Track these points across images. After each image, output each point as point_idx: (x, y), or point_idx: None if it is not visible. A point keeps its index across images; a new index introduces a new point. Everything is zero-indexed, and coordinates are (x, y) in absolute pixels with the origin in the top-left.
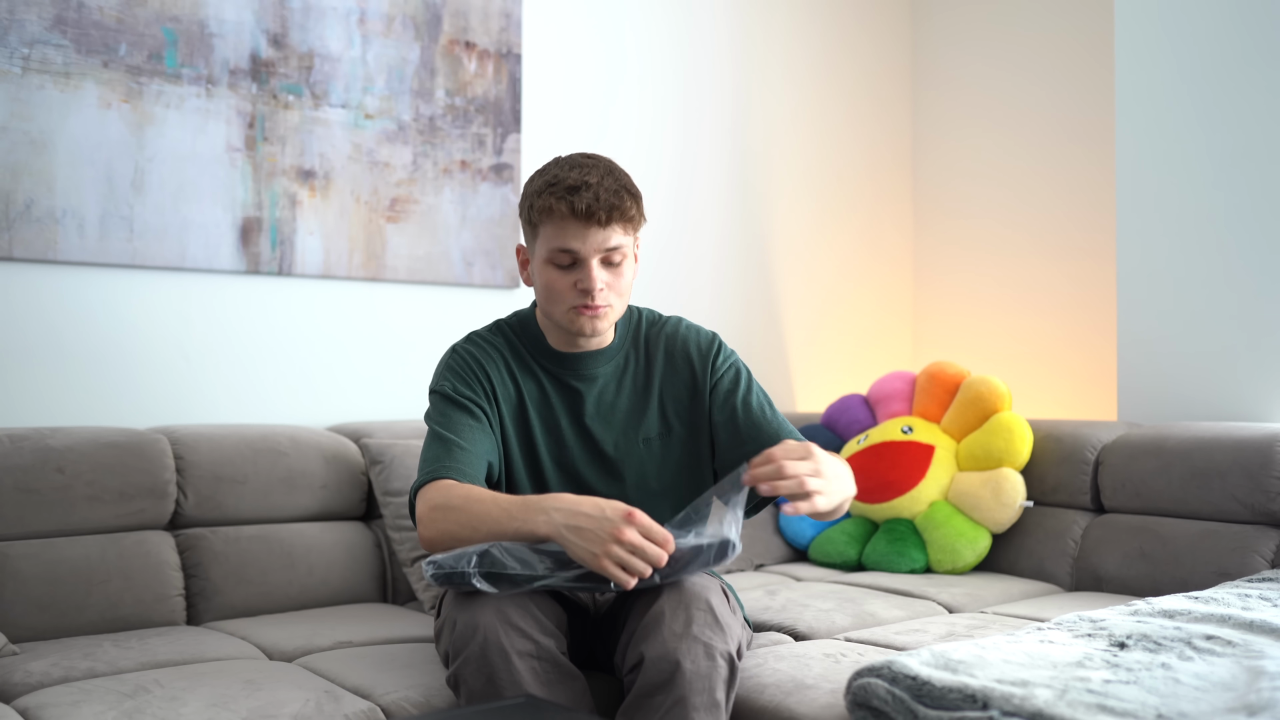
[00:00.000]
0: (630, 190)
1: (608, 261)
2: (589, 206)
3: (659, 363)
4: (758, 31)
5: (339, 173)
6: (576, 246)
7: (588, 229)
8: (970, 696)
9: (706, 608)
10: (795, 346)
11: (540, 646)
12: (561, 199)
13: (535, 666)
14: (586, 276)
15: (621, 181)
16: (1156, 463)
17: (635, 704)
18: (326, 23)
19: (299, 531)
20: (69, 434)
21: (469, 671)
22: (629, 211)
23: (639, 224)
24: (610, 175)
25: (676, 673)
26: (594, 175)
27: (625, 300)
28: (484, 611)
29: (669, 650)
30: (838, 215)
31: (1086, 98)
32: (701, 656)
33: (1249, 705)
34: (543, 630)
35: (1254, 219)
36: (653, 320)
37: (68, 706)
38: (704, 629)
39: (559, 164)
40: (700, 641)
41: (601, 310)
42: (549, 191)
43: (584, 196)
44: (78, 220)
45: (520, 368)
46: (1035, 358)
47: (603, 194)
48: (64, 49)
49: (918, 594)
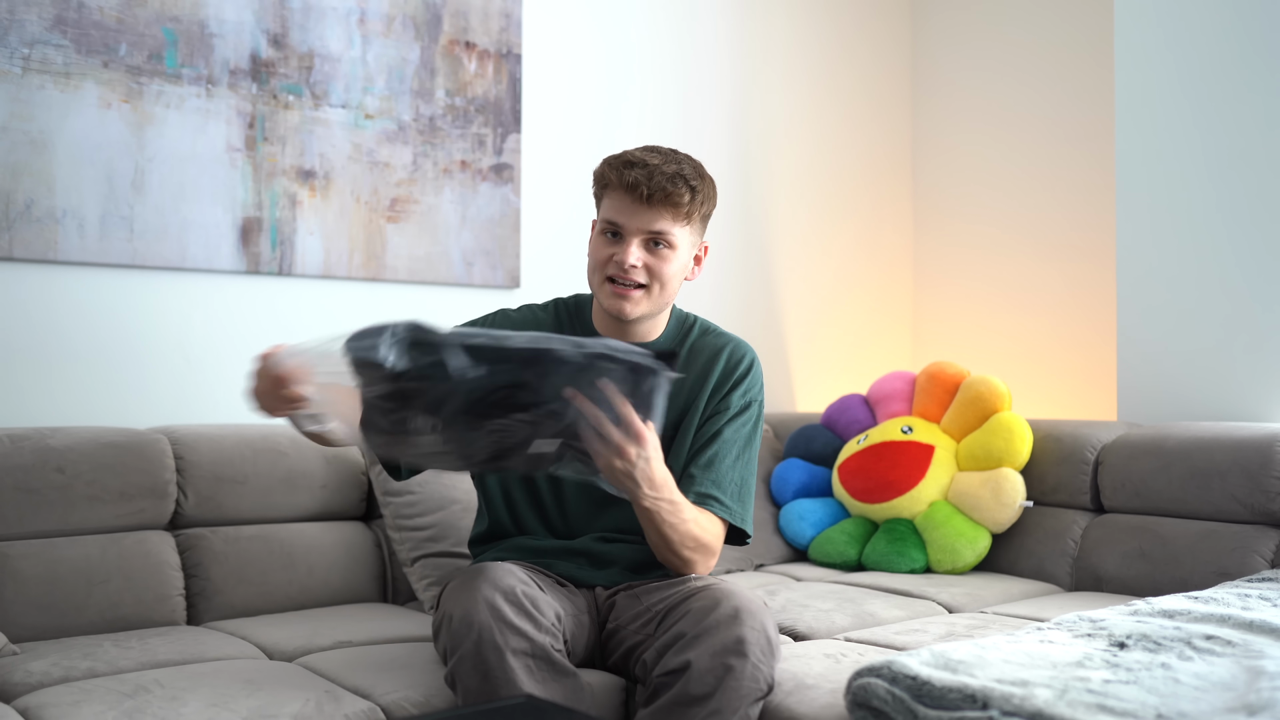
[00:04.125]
0: (689, 182)
1: (652, 243)
2: (636, 181)
3: (696, 369)
4: (758, 32)
5: (339, 173)
6: (622, 220)
7: (635, 206)
8: (970, 696)
9: (762, 627)
10: (795, 346)
11: (535, 644)
12: (616, 169)
13: (530, 664)
14: (623, 250)
15: (683, 171)
16: (1156, 463)
17: (669, 709)
18: (326, 23)
19: (299, 531)
20: (69, 434)
21: (464, 669)
22: (679, 199)
23: (695, 220)
24: (674, 163)
25: (720, 687)
26: (657, 158)
27: (667, 290)
28: (479, 610)
29: (718, 663)
30: (838, 216)
31: (1085, 99)
32: (748, 676)
33: (1249, 705)
34: (538, 627)
35: (1253, 220)
36: (706, 329)
37: (68, 706)
38: (755, 649)
39: (643, 146)
40: (751, 661)
41: (633, 293)
42: (611, 162)
43: (636, 172)
44: (78, 220)
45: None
46: (1035, 358)
47: (657, 176)
48: (64, 49)
49: (918, 594)
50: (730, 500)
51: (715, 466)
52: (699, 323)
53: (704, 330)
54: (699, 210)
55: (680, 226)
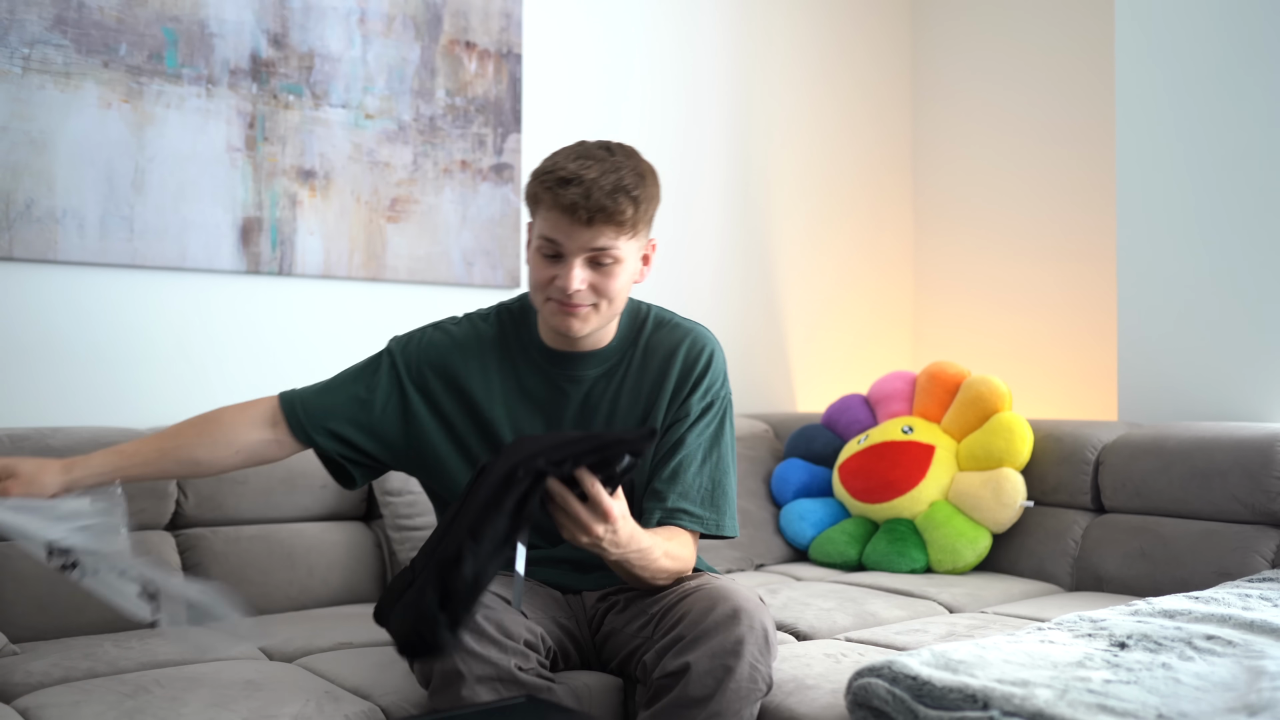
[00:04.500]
0: (630, 193)
1: (595, 261)
2: (573, 203)
3: (653, 368)
4: (759, 33)
5: (339, 173)
6: (561, 240)
7: (572, 225)
8: (971, 696)
9: (760, 626)
10: (796, 346)
11: (500, 668)
12: (549, 189)
13: (498, 688)
14: (565, 273)
15: (622, 182)
16: (1157, 463)
17: (669, 711)
18: (327, 23)
19: (299, 531)
20: (69, 434)
21: (437, 700)
22: (621, 215)
23: (640, 228)
24: (613, 173)
25: (719, 689)
26: (593, 171)
27: (616, 304)
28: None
29: (717, 665)
30: (838, 216)
31: (1085, 102)
32: (746, 677)
33: (1249, 705)
34: (503, 650)
35: (1253, 220)
36: (661, 322)
37: (68, 707)
38: (754, 648)
39: (567, 151)
40: (748, 661)
41: (580, 310)
42: (543, 178)
43: (572, 192)
44: (78, 220)
45: (502, 359)
46: (1035, 358)
47: (595, 192)
48: (64, 49)
49: (918, 594)
50: (700, 508)
51: (680, 478)
52: (653, 314)
53: (659, 323)
54: (643, 218)
55: (625, 240)
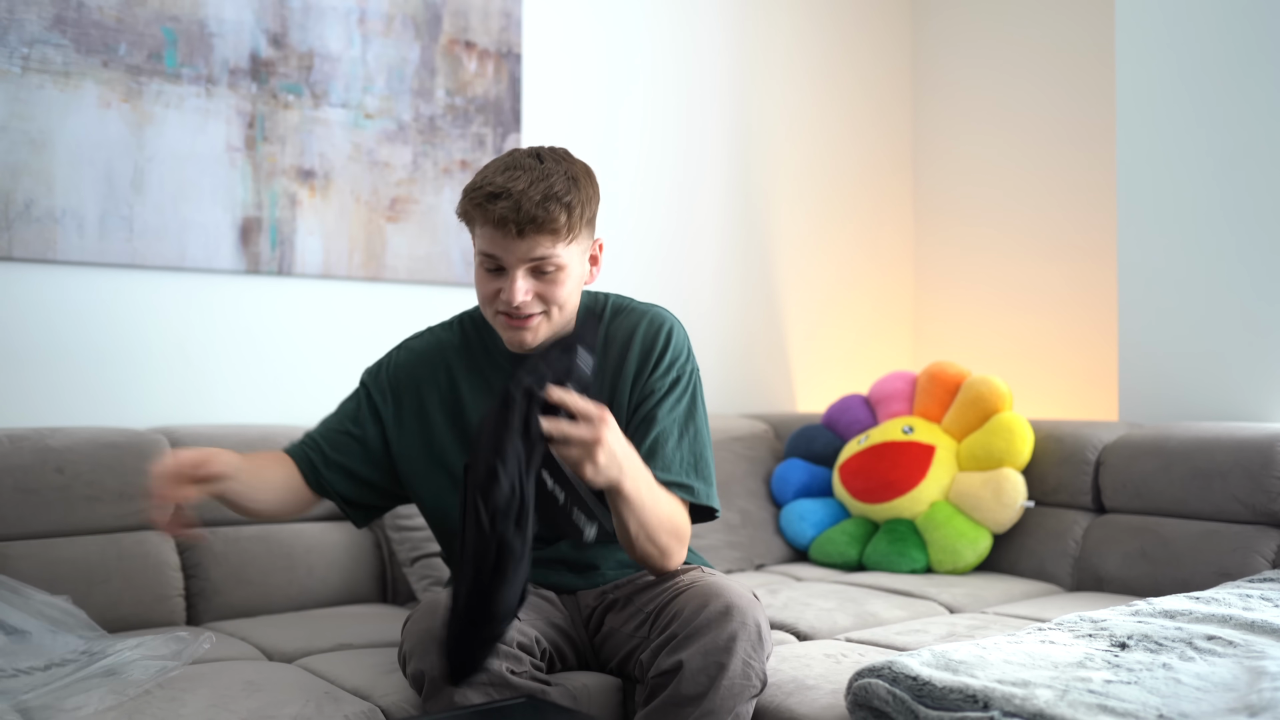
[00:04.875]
0: (562, 199)
1: (538, 270)
2: (503, 217)
3: (614, 354)
4: (759, 31)
5: (339, 173)
6: (499, 254)
7: (506, 239)
8: (971, 697)
9: (753, 622)
10: (796, 346)
11: (489, 673)
12: (480, 205)
13: (489, 692)
14: (509, 286)
15: (553, 190)
16: (1157, 463)
17: (663, 710)
18: (326, 22)
19: (299, 532)
20: (69, 434)
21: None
22: (555, 223)
23: (579, 232)
24: (541, 182)
25: (712, 687)
26: (521, 182)
27: (568, 309)
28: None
29: (710, 663)
30: (838, 216)
31: (1086, 100)
32: (739, 674)
33: (1250, 706)
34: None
35: (1254, 219)
36: (619, 308)
37: (68, 707)
38: (746, 644)
39: (494, 164)
40: (741, 658)
41: (529, 323)
42: (471, 195)
43: (501, 206)
44: (77, 220)
45: (467, 366)
46: (1036, 358)
47: (524, 204)
48: (64, 49)
49: (918, 594)
50: (687, 478)
51: (659, 454)
52: (610, 302)
53: (616, 310)
54: (580, 221)
55: (563, 246)
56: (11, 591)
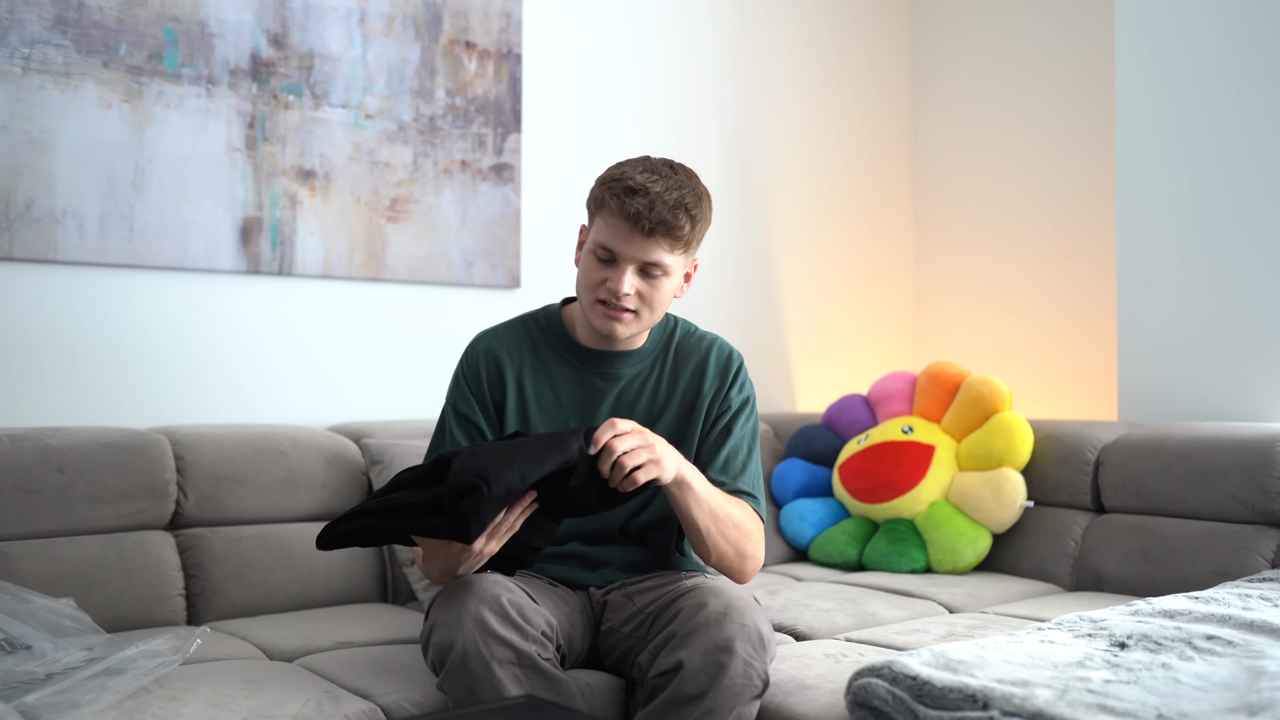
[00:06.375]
0: (690, 211)
1: (645, 272)
2: (638, 212)
3: (684, 373)
4: (759, 36)
5: (339, 173)
6: (618, 248)
7: (632, 234)
8: (971, 696)
9: (752, 624)
10: (796, 346)
11: (521, 653)
12: (616, 196)
13: (517, 674)
14: (617, 277)
15: (684, 200)
16: (1157, 463)
17: (664, 709)
18: (327, 23)
19: (299, 531)
20: (69, 434)
21: (450, 684)
22: (680, 230)
23: (691, 246)
24: (677, 190)
25: (713, 686)
26: (659, 185)
27: (657, 313)
28: (464, 624)
29: (710, 662)
30: (838, 216)
31: (1085, 103)
32: (740, 674)
33: (1249, 705)
34: (524, 636)
35: (1253, 220)
36: (688, 331)
37: (68, 706)
38: (746, 644)
39: (635, 162)
40: (742, 658)
41: (624, 316)
42: (610, 185)
43: (637, 201)
44: (78, 220)
45: (535, 362)
46: (1035, 358)
47: (658, 205)
48: (64, 49)
49: (918, 594)
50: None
51: (733, 463)
52: (680, 324)
53: (686, 332)
54: (696, 236)
55: (676, 255)
56: (12, 597)
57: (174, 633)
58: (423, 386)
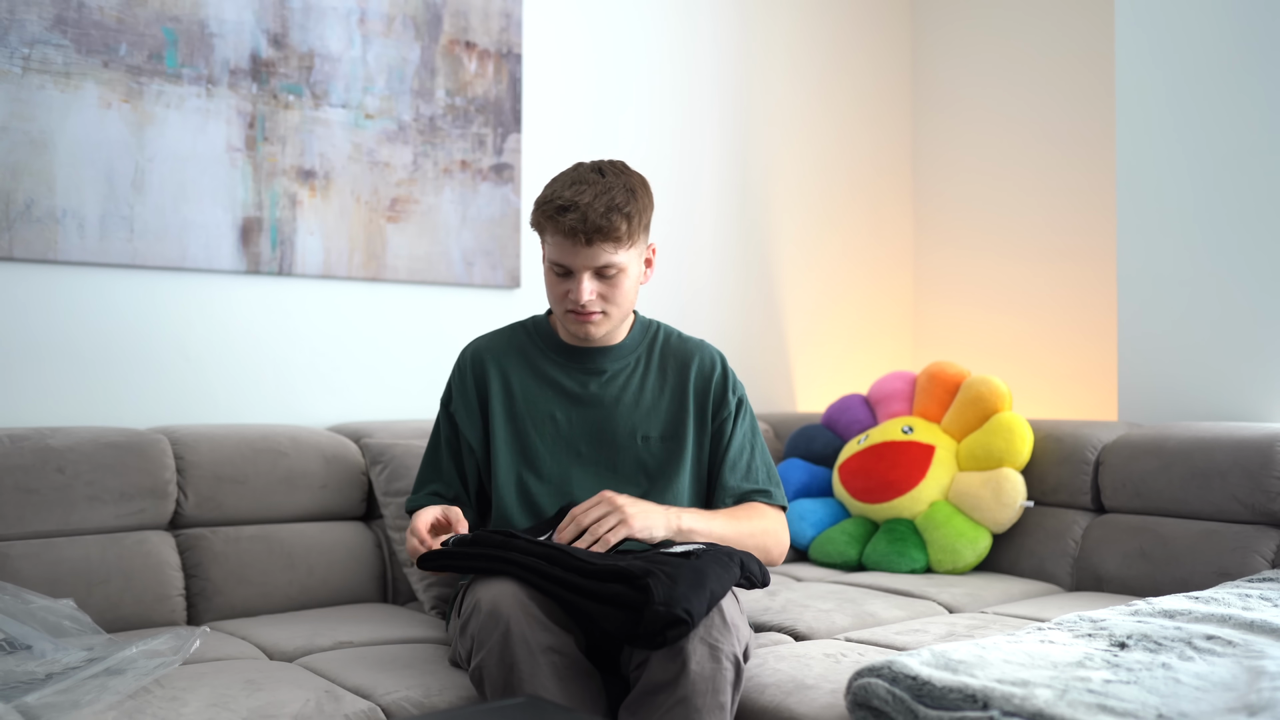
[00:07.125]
0: (623, 210)
1: (601, 275)
2: (573, 227)
3: (670, 373)
4: (759, 36)
5: (339, 173)
6: (567, 262)
7: (575, 247)
8: (970, 696)
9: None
10: (795, 347)
11: (561, 641)
12: (550, 217)
13: (556, 661)
14: (576, 288)
15: (614, 201)
16: (1157, 463)
17: (638, 700)
18: (327, 23)
19: (299, 531)
20: (69, 434)
21: (492, 662)
22: (616, 232)
23: (637, 238)
24: (605, 194)
25: (682, 673)
26: (587, 195)
27: (625, 307)
28: (507, 603)
29: (675, 649)
30: (838, 216)
31: (1085, 104)
32: (707, 658)
33: (1249, 705)
34: (563, 626)
35: (1253, 220)
36: (670, 334)
37: (68, 706)
38: (710, 629)
39: (561, 179)
40: (706, 643)
41: (594, 318)
42: (543, 207)
43: (569, 218)
44: (78, 220)
45: (525, 360)
46: (1035, 358)
47: (590, 215)
48: (64, 49)
49: (918, 594)
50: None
51: (743, 467)
52: (662, 329)
53: (668, 335)
54: (638, 229)
55: (624, 252)
56: (12, 598)
57: (174, 633)
58: (422, 386)
